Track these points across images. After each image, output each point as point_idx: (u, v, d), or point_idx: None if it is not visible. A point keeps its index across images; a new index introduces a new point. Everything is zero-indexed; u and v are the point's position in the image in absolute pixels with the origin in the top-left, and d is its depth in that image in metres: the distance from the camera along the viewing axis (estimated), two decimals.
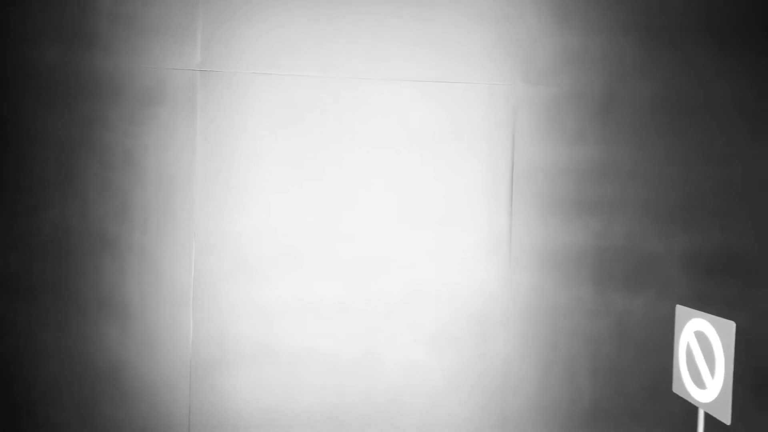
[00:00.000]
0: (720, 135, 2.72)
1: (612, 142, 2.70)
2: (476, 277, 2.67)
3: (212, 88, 2.57)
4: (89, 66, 2.53)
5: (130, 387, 2.53)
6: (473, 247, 2.66)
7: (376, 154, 2.63)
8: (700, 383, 1.93)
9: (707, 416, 2.59)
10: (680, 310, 2.02)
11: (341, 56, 2.61)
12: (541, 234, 2.69)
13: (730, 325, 1.79)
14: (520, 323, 2.68)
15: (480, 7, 2.65)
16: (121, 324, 2.53)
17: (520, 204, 2.69)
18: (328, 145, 2.61)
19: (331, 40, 2.61)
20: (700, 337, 1.93)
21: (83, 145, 2.52)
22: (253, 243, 2.58)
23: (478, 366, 2.67)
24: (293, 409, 2.58)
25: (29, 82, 2.51)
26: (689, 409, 2.67)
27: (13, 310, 2.49)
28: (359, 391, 2.61)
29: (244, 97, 2.59)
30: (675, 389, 2.06)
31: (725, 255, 2.71)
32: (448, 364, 2.66)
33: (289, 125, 2.60)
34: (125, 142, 2.54)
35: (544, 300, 2.69)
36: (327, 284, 2.59)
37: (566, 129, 2.70)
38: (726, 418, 1.79)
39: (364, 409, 2.61)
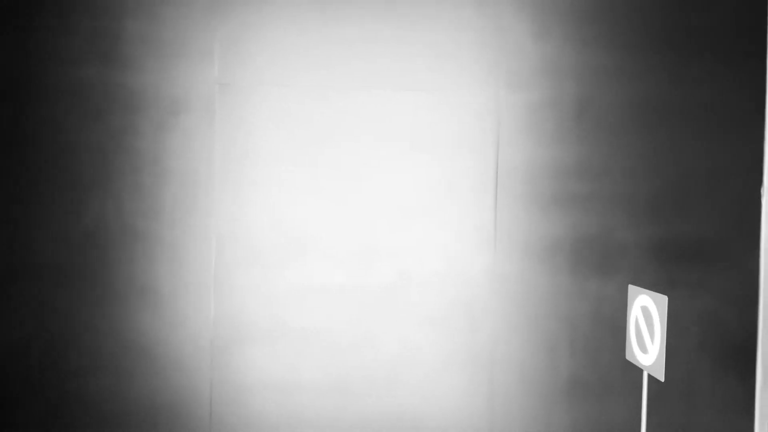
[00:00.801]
0: (682, 135, 2.99)
1: (586, 143, 2.98)
2: (465, 264, 2.97)
3: (228, 98, 2.91)
4: (121, 81, 2.89)
5: (159, 361, 2.89)
6: (462, 238, 2.97)
7: (374, 155, 2.95)
8: (644, 349, 2.23)
9: (679, 384, 2.88)
10: (631, 289, 2.33)
11: (343, 69, 2.93)
12: (523, 226, 2.99)
13: (664, 299, 2.09)
14: (505, 306, 2.99)
15: (468, 24, 2.95)
16: (151, 307, 2.89)
17: (504, 199, 2.99)
18: (330, 148, 2.93)
19: (334, 54, 2.93)
20: (645, 310, 2.23)
21: (117, 151, 2.88)
22: (265, 235, 2.92)
23: (467, 344, 2.99)
24: (301, 381, 2.92)
25: (70, 96, 2.87)
26: (654, 380, 2.95)
27: (58, 296, 2.87)
28: (359, 365, 2.94)
29: (256, 106, 2.92)
30: (627, 356, 2.37)
31: (688, 243, 2.99)
32: (440, 343, 2.98)
33: (295, 131, 2.93)
34: (153, 147, 2.89)
35: (526, 285, 2.99)
36: (330, 271, 2.92)
37: (545, 131, 2.99)
38: (660, 375, 2.10)
39: (364, 381, 2.95)
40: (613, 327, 2.98)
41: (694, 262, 2.99)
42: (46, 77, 2.85)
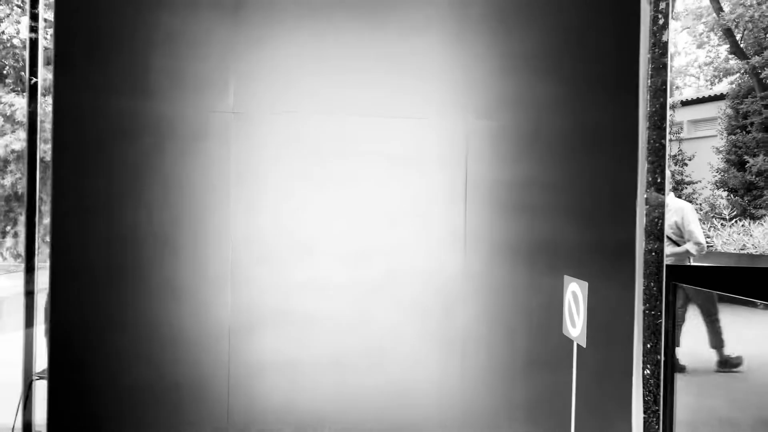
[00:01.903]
0: (613, 157, 3.66)
1: (539, 163, 3.63)
2: (440, 262, 3.58)
3: (242, 125, 3.47)
4: (150, 109, 3.42)
5: (184, 348, 3.42)
6: (437, 240, 3.58)
7: (367, 171, 3.54)
8: (574, 324, 2.87)
9: (617, 362, 3.53)
10: (566, 278, 2.97)
11: (341, 99, 3.52)
12: (488, 230, 3.62)
13: (585, 284, 2.73)
14: (473, 298, 3.60)
15: (442, 63, 3.57)
16: (177, 300, 3.41)
17: (472, 208, 3.61)
18: (329, 165, 3.52)
19: (333, 87, 3.52)
20: (574, 294, 2.87)
21: (147, 170, 3.41)
22: (275, 239, 3.48)
23: (442, 330, 3.59)
24: (306, 359, 3.48)
25: (105, 122, 3.39)
26: (599, 358, 3.60)
27: (97, 293, 3.37)
28: (355, 346, 3.52)
29: (266, 131, 3.49)
30: (563, 332, 3.00)
31: (621, 245, 3.65)
32: (420, 328, 3.57)
33: (299, 151, 3.50)
34: (178, 166, 3.43)
35: (490, 280, 3.61)
36: (330, 267, 3.49)
37: (505, 152, 3.62)
38: (583, 343, 2.74)
39: (359, 360, 3.52)
40: (562, 315, 3.61)
41: (622, 260, 3.65)
42: (87, 104, 3.36)
